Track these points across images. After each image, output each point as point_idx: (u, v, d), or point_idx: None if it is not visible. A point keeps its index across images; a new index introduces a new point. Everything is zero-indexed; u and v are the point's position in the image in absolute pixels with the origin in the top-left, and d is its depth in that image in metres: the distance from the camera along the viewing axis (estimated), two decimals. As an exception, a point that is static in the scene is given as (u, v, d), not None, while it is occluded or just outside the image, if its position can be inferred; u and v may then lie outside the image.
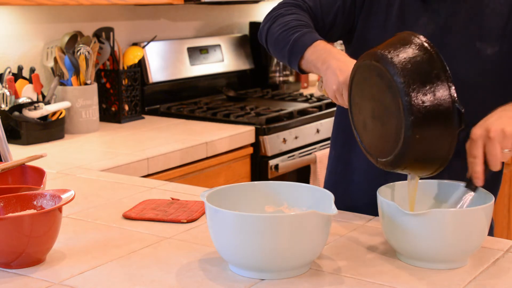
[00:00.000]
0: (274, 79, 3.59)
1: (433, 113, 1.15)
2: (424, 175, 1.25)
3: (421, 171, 1.24)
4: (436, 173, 1.23)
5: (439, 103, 1.15)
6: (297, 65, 1.48)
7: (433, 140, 1.17)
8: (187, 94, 3.24)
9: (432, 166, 1.21)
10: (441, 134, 1.16)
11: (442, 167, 1.21)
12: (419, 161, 1.20)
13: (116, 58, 2.79)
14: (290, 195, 1.32)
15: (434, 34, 1.48)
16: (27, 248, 1.21)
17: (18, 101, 2.44)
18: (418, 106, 1.14)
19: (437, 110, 1.15)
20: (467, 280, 1.18)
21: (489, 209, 1.22)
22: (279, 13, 1.57)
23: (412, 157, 1.18)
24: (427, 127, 1.15)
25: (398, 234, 1.23)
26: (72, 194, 1.29)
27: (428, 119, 1.15)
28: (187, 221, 1.48)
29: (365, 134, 1.30)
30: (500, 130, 1.24)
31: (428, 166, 1.21)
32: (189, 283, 1.17)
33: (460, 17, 1.49)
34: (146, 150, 2.30)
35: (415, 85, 1.15)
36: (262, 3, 3.67)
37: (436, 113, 1.15)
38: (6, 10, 2.57)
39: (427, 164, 1.21)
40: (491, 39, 1.48)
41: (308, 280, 1.17)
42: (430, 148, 1.18)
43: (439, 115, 1.15)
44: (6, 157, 1.61)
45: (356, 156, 1.62)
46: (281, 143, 2.75)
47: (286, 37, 1.50)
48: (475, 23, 1.49)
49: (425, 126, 1.15)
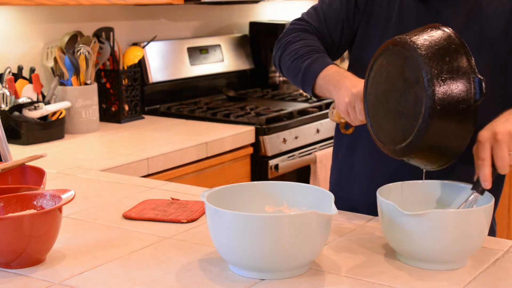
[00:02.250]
0: (274, 79, 3.59)
1: (453, 85, 1.17)
2: (436, 166, 1.25)
3: (434, 158, 1.24)
4: (447, 164, 1.24)
5: (458, 75, 1.18)
6: (311, 91, 1.52)
7: (453, 116, 1.18)
8: (187, 94, 3.24)
9: (447, 151, 1.21)
10: (462, 111, 1.18)
11: (455, 156, 1.22)
12: (435, 144, 1.21)
13: (116, 58, 2.79)
14: (290, 195, 1.32)
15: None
16: (27, 248, 1.21)
17: (18, 101, 2.44)
18: (439, 76, 1.16)
19: (457, 81, 1.18)
20: (467, 280, 1.18)
21: (489, 209, 1.22)
22: (287, 40, 1.60)
23: (431, 136, 1.19)
24: (448, 99, 1.16)
25: (398, 235, 1.23)
26: (72, 194, 1.29)
27: (449, 91, 1.17)
28: (187, 221, 1.48)
29: (382, 127, 1.31)
30: (507, 133, 1.24)
31: (443, 150, 1.22)
32: (189, 283, 1.17)
33: (460, 18, 1.49)
34: (146, 150, 2.30)
35: (434, 58, 1.18)
36: (262, 3, 3.67)
37: (457, 84, 1.17)
38: (6, 10, 2.57)
39: (442, 147, 1.21)
40: (492, 41, 1.48)
41: (308, 280, 1.17)
42: (449, 127, 1.19)
43: (459, 85, 1.17)
44: (6, 157, 1.61)
45: (358, 158, 1.62)
46: (281, 143, 2.75)
47: (297, 66, 1.54)
48: (476, 24, 1.49)
49: (445, 99, 1.16)
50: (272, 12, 3.78)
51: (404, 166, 1.40)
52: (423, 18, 1.50)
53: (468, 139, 1.21)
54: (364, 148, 1.61)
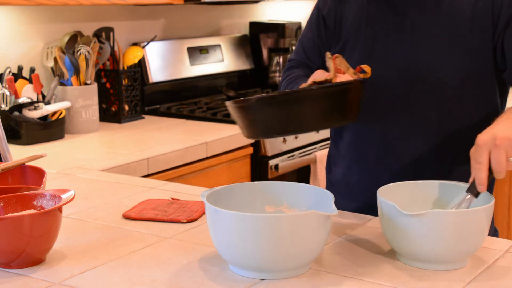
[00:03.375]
0: (274, 79, 3.59)
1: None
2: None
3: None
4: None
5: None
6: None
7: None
8: (187, 94, 3.24)
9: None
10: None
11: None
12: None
13: (116, 58, 2.79)
14: (290, 195, 1.32)
15: (403, 35, 1.52)
16: (27, 248, 1.21)
17: (18, 101, 2.44)
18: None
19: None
20: (467, 280, 1.18)
21: (489, 209, 1.22)
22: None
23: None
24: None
25: (398, 235, 1.22)
26: (72, 194, 1.29)
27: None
28: (187, 221, 1.48)
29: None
30: (507, 138, 1.24)
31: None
32: (189, 283, 1.17)
33: (426, 17, 1.52)
34: (146, 150, 2.30)
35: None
36: (262, 3, 3.67)
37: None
38: (6, 10, 2.57)
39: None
40: (461, 35, 1.50)
41: (308, 280, 1.17)
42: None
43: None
44: (6, 157, 1.61)
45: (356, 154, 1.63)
46: (281, 143, 2.75)
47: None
48: (444, 20, 1.51)
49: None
50: (272, 12, 3.78)
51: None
52: (391, 21, 1.54)
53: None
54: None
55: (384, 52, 1.55)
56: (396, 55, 1.54)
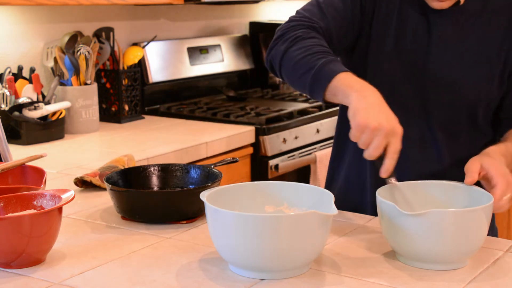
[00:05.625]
0: (274, 79, 3.59)
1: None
2: None
3: None
4: None
5: None
6: (322, 92, 1.37)
7: None
8: (187, 94, 3.24)
9: None
10: None
11: None
12: None
13: (116, 58, 2.79)
14: (290, 195, 1.32)
15: (429, 46, 1.49)
16: (27, 248, 1.21)
17: (18, 101, 2.44)
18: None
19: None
20: (467, 280, 1.18)
21: (489, 209, 1.22)
22: (297, 35, 1.44)
23: None
24: None
25: (397, 235, 1.23)
26: (72, 194, 1.29)
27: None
28: (187, 221, 1.48)
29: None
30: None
31: None
32: (189, 283, 1.17)
33: (456, 30, 1.49)
34: (146, 150, 2.30)
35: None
36: (262, 3, 3.67)
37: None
38: (6, 10, 2.57)
39: None
40: (487, 57, 1.49)
41: (308, 280, 1.17)
42: None
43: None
44: (6, 157, 1.61)
45: (355, 157, 1.63)
46: (281, 143, 2.75)
47: (311, 62, 1.39)
48: (472, 38, 1.49)
49: None
50: (272, 12, 3.78)
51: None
52: (420, 29, 1.50)
53: None
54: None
55: (411, 59, 1.51)
56: (420, 64, 1.50)
